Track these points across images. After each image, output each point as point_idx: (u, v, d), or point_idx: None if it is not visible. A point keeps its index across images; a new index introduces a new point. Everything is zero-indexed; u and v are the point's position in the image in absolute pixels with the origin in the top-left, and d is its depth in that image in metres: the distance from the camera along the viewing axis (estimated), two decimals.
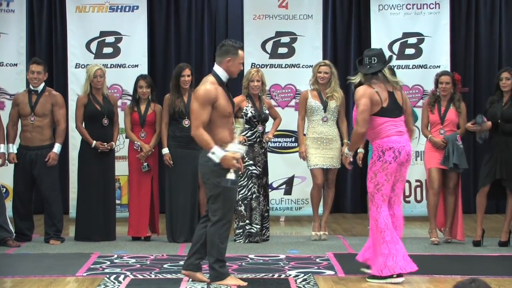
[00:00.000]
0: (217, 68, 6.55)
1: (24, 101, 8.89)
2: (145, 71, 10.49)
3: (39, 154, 8.82)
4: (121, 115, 9.45)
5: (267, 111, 9.13)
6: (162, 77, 11.64)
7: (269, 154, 9.38)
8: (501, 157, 8.60)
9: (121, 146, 10.30)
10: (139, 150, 9.07)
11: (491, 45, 11.91)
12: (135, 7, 10.97)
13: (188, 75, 8.99)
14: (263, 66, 10.80)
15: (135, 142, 9.08)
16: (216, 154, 6.32)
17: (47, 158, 8.78)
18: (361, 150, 9.11)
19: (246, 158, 8.85)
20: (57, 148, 8.89)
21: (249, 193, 8.94)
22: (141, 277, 6.89)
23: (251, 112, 8.97)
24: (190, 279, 6.63)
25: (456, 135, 8.83)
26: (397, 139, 6.75)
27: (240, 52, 6.55)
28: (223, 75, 6.55)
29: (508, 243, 8.72)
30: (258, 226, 8.95)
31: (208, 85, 6.47)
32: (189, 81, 9.00)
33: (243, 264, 7.57)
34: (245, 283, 6.52)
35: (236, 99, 8.92)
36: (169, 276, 6.89)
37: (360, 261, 7.05)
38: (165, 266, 7.40)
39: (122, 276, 6.89)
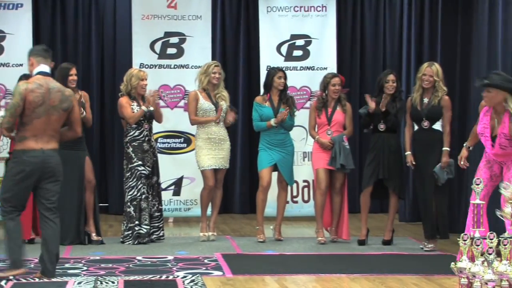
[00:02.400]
0: (46, 68, 6.89)
1: None
2: None
3: None
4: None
5: (151, 108, 9.03)
6: None
7: (158, 155, 9.30)
8: (383, 158, 8.78)
9: (4, 147, 10.04)
10: None
11: (376, 47, 12.17)
12: (19, 5, 10.68)
13: (76, 74, 8.82)
14: (151, 66, 10.73)
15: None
16: None
17: None
18: None
19: (135, 159, 8.78)
20: None
21: (138, 194, 8.84)
22: (24, 280, 6.74)
23: (137, 111, 8.88)
24: (76, 282, 6.53)
25: (342, 136, 8.97)
26: None
27: None
28: None
29: (391, 241, 8.93)
30: (148, 227, 8.87)
31: None
32: (76, 80, 8.83)
33: (130, 266, 7.50)
34: None
35: (122, 101, 8.89)
36: (53, 279, 6.76)
37: None
38: None
39: (4, 280, 6.72)
